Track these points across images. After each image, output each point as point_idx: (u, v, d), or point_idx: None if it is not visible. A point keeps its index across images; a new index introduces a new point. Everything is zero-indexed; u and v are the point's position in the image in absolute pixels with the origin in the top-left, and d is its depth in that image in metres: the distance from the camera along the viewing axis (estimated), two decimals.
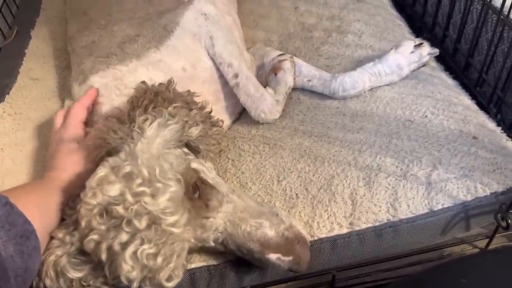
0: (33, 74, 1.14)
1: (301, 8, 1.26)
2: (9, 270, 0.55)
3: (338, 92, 0.95)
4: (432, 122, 0.87)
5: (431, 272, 0.61)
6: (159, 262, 0.61)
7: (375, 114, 0.92)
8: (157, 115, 0.72)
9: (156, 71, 0.88)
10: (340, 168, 0.83)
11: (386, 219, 0.76)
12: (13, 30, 1.30)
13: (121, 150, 0.69)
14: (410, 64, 0.96)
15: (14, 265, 0.57)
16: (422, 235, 0.77)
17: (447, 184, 0.76)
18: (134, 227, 0.60)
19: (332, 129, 0.92)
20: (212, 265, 0.75)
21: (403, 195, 0.77)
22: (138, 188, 0.62)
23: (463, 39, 1.04)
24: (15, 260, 0.57)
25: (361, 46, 1.09)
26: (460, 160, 0.79)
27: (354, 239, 0.76)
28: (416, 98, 0.93)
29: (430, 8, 1.17)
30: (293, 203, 0.80)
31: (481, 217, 0.77)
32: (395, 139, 0.86)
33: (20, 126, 0.98)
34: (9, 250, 0.56)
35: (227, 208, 0.70)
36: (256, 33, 1.23)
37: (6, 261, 0.55)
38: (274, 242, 0.67)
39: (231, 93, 0.97)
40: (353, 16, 1.17)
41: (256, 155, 0.91)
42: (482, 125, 0.85)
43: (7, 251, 0.56)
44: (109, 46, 0.94)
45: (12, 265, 0.56)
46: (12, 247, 0.57)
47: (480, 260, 0.62)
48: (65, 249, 0.66)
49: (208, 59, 0.94)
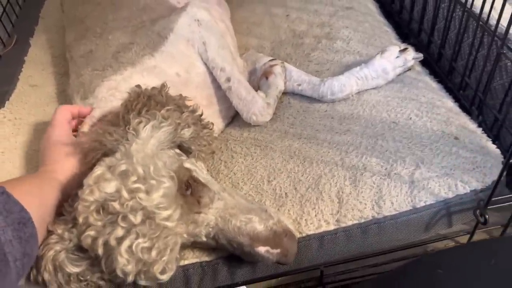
0: (32, 81, 1.18)
1: (293, 15, 1.30)
2: (8, 254, 0.58)
3: (326, 96, 0.99)
4: (416, 123, 0.90)
5: (409, 266, 0.64)
6: (154, 255, 0.64)
7: (361, 116, 0.96)
8: (151, 118, 0.75)
9: (150, 77, 0.91)
10: (327, 168, 0.86)
11: (371, 216, 0.79)
12: (13, 38, 1.34)
13: (117, 151, 0.72)
14: (395, 69, 1.00)
15: (13, 250, 0.59)
16: (406, 231, 0.80)
17: (429, 182, 0.80)
18: (129, 222, 0.63)
19: (320, 131, 0.95)
20: (205, 261, 0.78)
21: (387, 193, 0.80)
22: (133, 185, 0.65)
23: (447, 45, 1.08)
24: (13, 245, 0.59)
25: (349, 52, 1.12)
26: (442, 160, 0.82)
27: (341, 235, 0.79)
28: (401, 101, 0.96)
29: (416, 15, 1.22)
30: (283, 201, 0.83)
31: (462, 213, 0.80)
32: (380, 140, 0.89)
33: (19, 131, 1.02)
34: (7, 235, 0.59)
35: (218, 205, 0.73)
36: (248, 40, 1.27)
37: (5, 245, 0.58)
38: (263, 236, 0.70)
39: (224, 97, 1.00)
40: (342, 23, 1.21)
41: (247, 156, 0.94)
42: (463, 126, 0.89)
43: (6, 236, 0.58)
44: (104, 57, 0.98)
45: (11, 249, 0.59)
46: (10, 232, 0.59)
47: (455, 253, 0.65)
48: (63, 244, 0.69)
49: (202, 64, 0.98)
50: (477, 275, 0.58)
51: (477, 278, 0.57)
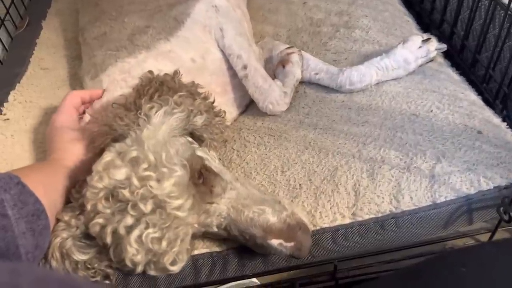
0: (44, 64, 1.16)
1: (310, 3, 1.27)
2: (20, 246, 0.57)
3: (345, 86, 0.96)
4: (437, 116, 0.87)
5: (431, 262, 0.61)
6: (164, 246, 0.62)
7: (380, 108, 0.93)
8: (163, 103, 0.73)
9: (165, 62, 0.89)
10: (344, 160, 0.84)
11: (389, 210, 0.76)
12: (25, 20, 1.32)
13: (127, 136, 0.70)
14: (417, 59, 0.96)
15: (26, 242, 0.58)
16: (424, 227, 0.77)
17: (451, 177, 0.77)
18: (139, 211, 0.61)
19: (337, 122, 0.92)
20: (215, 252, 0.76)
21: (406, 187, 0.77)
22: (144, 172, 0.62)
23: (470, 36, 1.04)
24: (26, 238, 0.58)
25: (368, 41, 1.09)
26: (464, 154, 0.79)
27: (356, 229, 0.76)
28: (422, 92, 0.93)
29: (438, 5, 1.18)
30: (297, 193, 0.80)
31: (484, 210, 0.77)
32: (399, 132, 0.86)
33: (30, 114, 1.00)
34: (21, 227, 0.58)
35: (230, 195, 0.71)
36: (264, 27, 1.24)
37: (18, 237, 0.57)
38: (276, 228, 0.68)
39: (238, 85, 0.98)
40: (361, 12, 1.18)
41: (261, 146, 0.92)
42: (487, 120, 0.85)
43: (19, 228, 0.57)
44: (119, 39, 0.96)
45: (24, 242, 0.58)
46: (24, 225, 0.58)
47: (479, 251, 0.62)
48: (70, 232, 0.68)
49: (218, 51, 0.95)
50: (502, 275, 0.55)
51: (502, 278, 0.54)
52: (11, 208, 0.58)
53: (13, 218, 0.58)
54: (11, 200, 0.59)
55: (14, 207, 0.58)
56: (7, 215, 0.57)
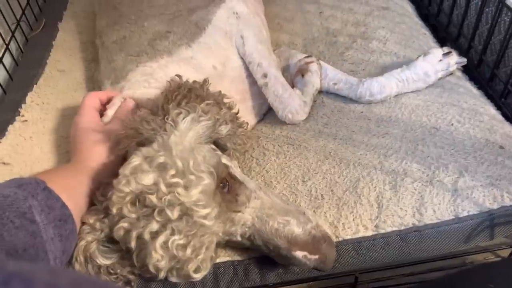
0: (60, 66, 1.15)
1: (326, 13, 1.27)
2: (49, 252, 0.56)
3: (364, 97, 0.96)
4: (458, 130, 0.87)
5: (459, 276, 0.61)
6: (188, 253, 0.61)
7: (400, 120, 0.93)
8: (191, 110, 0.72)
9: (187, 68, 0.89)
10: (365, 171, 0.83)
11: (412, 223, 0.76)
12: (41, 22, 1.32)
13: (153, 141, 0.69)
14: (437, 72, 0.97)
15: (54, 248, 0.58)
16: (446, 241, 0.77)
17: (473, 192, 0.77)
18: (165, 217, 0.61)
19: (357, 132, 0.92)
20: (237, 261, 0.75)
21: (429, 201, 0.77)
22: (171, 179, 0.62)
23: (488, 50, 1.04)
24: (54, 243, 0.58)
25: (386, 52, 1.09)
26: (486, 169, 0.79)
27: (379, 242, 0.76)
28: (442, 106, 0.93)
29: (455, 19, 1.18)
30: (319, 203, 0.80)
31: (506, 226, 0.77)
32: (420, 145, 0.86)
33: (47, 116, 0.99)
34: (49, 232, 0.57)
35: (255, 204, 0.70)
36: (280, 36, 1.24)
37: (47, 243, 0.56)
38: (301, 240, 0.67)
39: (257, 93, 0.98)
40: (377, 23, 1.18)
41: (280, 155, 0.91)
42: (508, 135, 0.86)
43: (47, 234, 0.57)
44: (139, 43, 0.96)
45: (52, 247, 0.57)
46: (51, 230, 0.58)
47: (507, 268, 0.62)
48: (95, 235, 0.67)
49: (238, 58, 0.95)
50: None
51: None
52: (39, 213, 0.58)
53: (41, 224, 0.57)
54: (38, 206, 0.58)
55: (41, 212, 0.58)
56: (36, 221, 0.57)
